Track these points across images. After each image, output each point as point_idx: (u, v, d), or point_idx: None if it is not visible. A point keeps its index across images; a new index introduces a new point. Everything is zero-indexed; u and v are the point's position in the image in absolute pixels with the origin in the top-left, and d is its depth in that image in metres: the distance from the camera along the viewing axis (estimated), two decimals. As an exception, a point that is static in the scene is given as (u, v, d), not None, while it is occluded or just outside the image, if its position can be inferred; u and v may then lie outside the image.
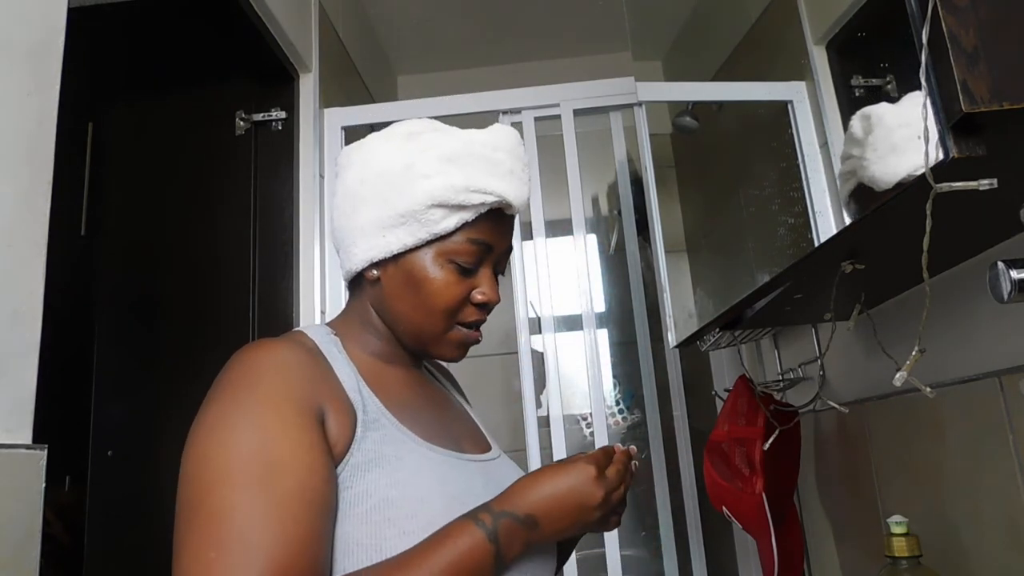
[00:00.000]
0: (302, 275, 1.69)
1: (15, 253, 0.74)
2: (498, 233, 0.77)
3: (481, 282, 0.77)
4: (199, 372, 1.62)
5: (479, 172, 0.73)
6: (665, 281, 1.34)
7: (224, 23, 1.54)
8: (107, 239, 1.78)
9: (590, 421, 1.81)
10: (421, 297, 0.75)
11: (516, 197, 0.75)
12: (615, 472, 0.69)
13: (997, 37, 0.51)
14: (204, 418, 0.65)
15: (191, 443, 0.64)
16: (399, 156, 0.75)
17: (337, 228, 0.79)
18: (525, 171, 0.78)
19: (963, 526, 0.95)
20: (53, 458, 0.73)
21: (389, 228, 0.74)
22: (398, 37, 2.59)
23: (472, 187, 0.72)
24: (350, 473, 0.66)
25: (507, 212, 0.77)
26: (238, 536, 0.57)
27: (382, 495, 0.65)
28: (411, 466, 0.68)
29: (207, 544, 0.57)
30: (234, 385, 0.66)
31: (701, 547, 1.65)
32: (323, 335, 0.76)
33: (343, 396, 0.69)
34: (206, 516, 0.58)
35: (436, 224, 0.73)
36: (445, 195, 0.72)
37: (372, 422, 0.69)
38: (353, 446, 0.67)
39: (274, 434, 0.62)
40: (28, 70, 0.78)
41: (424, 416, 0.77)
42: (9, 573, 0.66)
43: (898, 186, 0.61)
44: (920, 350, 0.73)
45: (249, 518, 0.57)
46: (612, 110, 1.83)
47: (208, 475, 0.60)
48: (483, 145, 0.75)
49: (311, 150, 1.75)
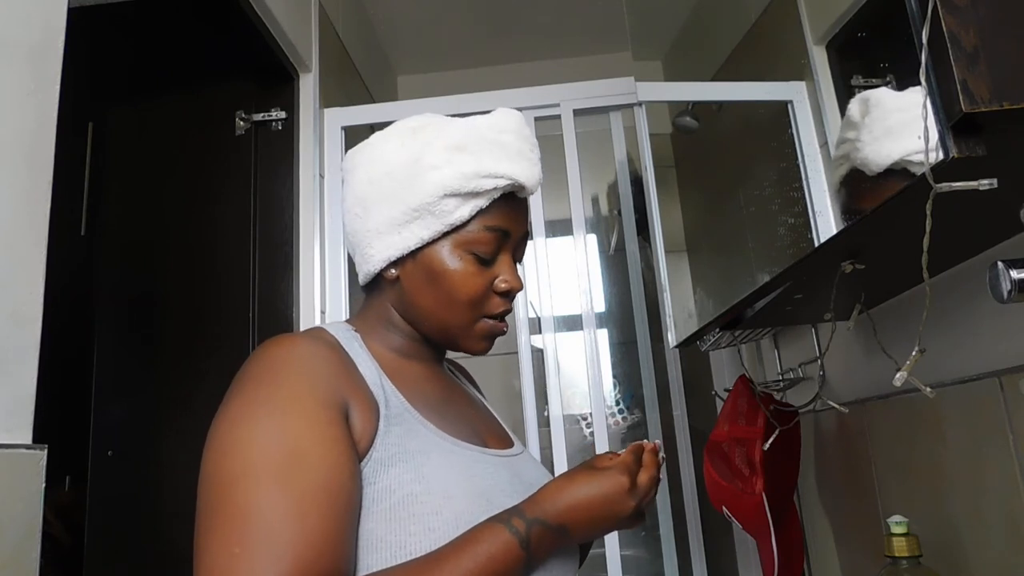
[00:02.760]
0: (302, 275, 1.69)
1: (15, 253, 0.74)
2: (513, 218, 0.76)
3: (501, 270, 0.76)
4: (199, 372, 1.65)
5: (488, 157, 0.72)
6: (665, 281, 1.34)
7: (224, 23, 1.54)
8: (107, 239, 1.78)
9: (590, 421, 1.81)
10: (443, 291, 0.74)
11: (528, 178, 0.74)
12: (647, 479, 0.69)
13: (997, 37, 0.51)
14: (227, 412, 0.64)
15: (213, 437, 0.63)
16: (405, 152, 0.74)
17: (350, 233, 0.78)
18: (534, 151, 0.77)
19: (963, 526, 0.95)
20: (53, 458, 0.72)
21: (404, 224, 0.73)
22: (398, 37, 2.59)
23: (483, 172, 0.72)
24: (373, 469, 0.65)
25: (520, 195, 0.77)
26: (263, 532, 0.56)
27: (407, 490, 0.64)
28: (435, 461, 0.67)
29: (231, 540, 0.56)
30: (257, 380, 0.65)
31: (701, 547, 1.65)
32: (344, 331, 0.75)
33: (366, 391, 0.69)
34: (230, 511, 0.57)
35: (450, 214, 0.72)
36: (457, 184, 0.71)
37: (395, 417, 0.69)
38: (376, 441, 0.66)
39: (299, 429, 0.61)
40: (28, 70, 0.78)
41: (447, 411, 0.76)
42: (9, 573, 0.66)
43: (888, 171, 0.60)
44: (920, 350, 0.73)
45: (274, 514, 0.57)
46: (612, 110, 1.83)
47: (232, 470, 0.59)
48: (489, 129, 0.74)
49: (311, 150, 1.75)
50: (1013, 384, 0.83)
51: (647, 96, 1.40)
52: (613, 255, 2.31)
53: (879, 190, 0.63)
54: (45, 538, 0.70)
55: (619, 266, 2.16)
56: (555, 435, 1.63)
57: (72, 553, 1.60)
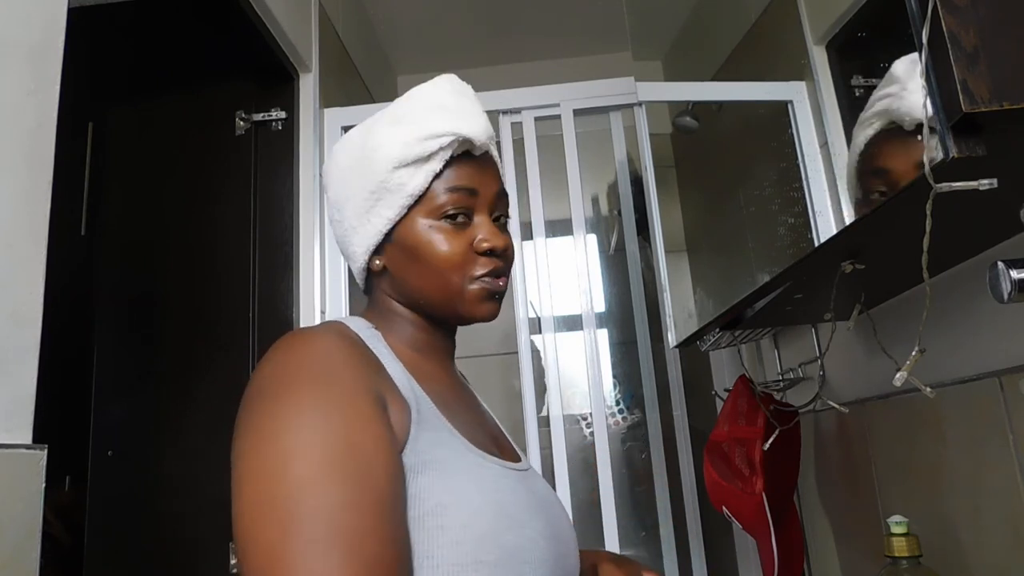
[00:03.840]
0: (302, 275, 1.69)
1: (15, 253, 0.74)
2: (477, 176, 0.75)
3: (479, 230, 0.75)
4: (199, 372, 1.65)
5: (427, 121, 0.73)
6: (665, 281, 1.34)
7: (224, 23, 1.54)
8: (107, 239, 1.78)
9: (590, 421, 1.81)
10: (424, 263, 0.74)
11: (471, 130, 0.74)
12: None
13: (997, 37, 0.51)
14: (264, 416, 0.60)
15: (255, 444, 0.59)
16: (356, 142, 0.77)
17: (338, 241, 0.80)
18: (475, 106, 0.77)
19: (963, 526, 0.95)
20: (53, 458, 0.72)
21: (369, 210, 0.75)
22: (398, 37, 2.59)
23: (423, 135, 0.72)
24: (404, 473, 0.63)
25: (476, 153, 0.76)
26: (349, 537, 0.54)
27: (437, 500, 0.63)
28: (465, 473, 0.66)
29: (322, 550, 0.53)
30: (292, 378, 0.62)
31: (701, 547, 1.65)
32: (363, 327, 0.74)
33: (396, 391, 0.67)
34: (310, 520, 0.54)
35: (406, 186, 0.73)
36: (401, 152, 0.72)
37: (425, 422, 0.67)
38: (408, 446, 0.64)
39: (357, 427, 0.59)
40: (28, 70, 0.78)
41: (468, 419, 0.75)
42: (9, 573, 0.66)
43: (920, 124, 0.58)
44: (920, 350, 0.73)
45: (355, 518, 0.55)
46: (612, 110, 1.83)
47: (294, 475, 0.56)
48: (425, 96, 0.76)
49: (311, 150, 1.75)
50: (1013, 384, 0.83)
51: (647, 96, 1.40)
52: (613, 255, 2.31)
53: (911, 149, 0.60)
54: (45, 538, 0.70)
55: (619, 266, 2.17)
56: (555, 435, 1.63)
57: (72, 553, 1.60)
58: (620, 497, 1.88)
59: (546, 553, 0.68)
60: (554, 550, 0.69)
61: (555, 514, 0.75)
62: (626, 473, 2.14)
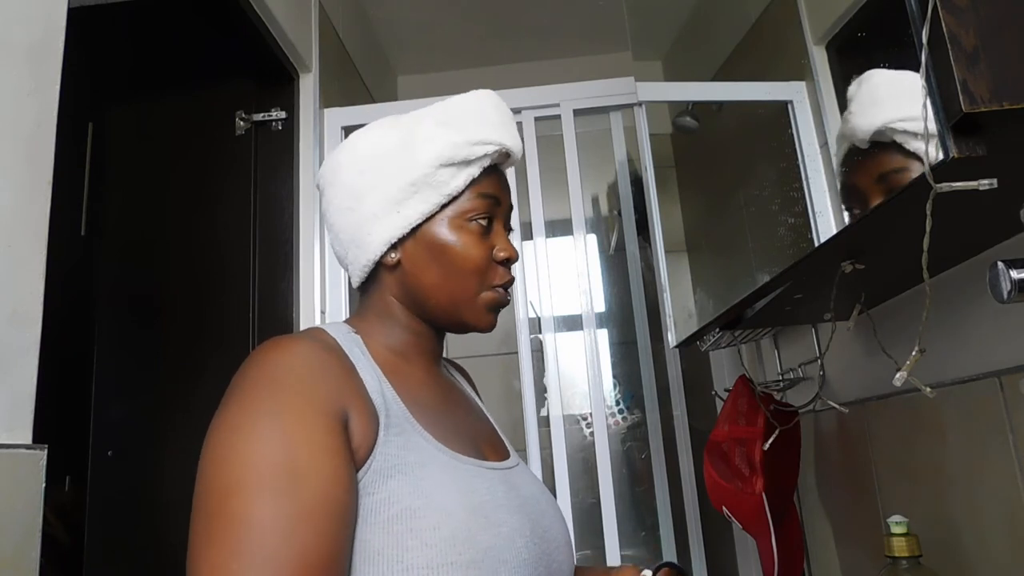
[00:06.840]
0: (302, 275, 1.69)
1: (15, 253, 0.74)
2: (501, 187, 0.80)
3: (497, 240, 0.78)
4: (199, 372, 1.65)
5: (475, 126, 0.76)
6: (665, 281, 1.34)
7: (224, 23, 1.54)
8: (107, 239, 1.78)
9: (590, 421, 1.81)
10: (447, 264, 0.75)
11: (514, 145, 0.79)
12: None
13: (997, 37, 0.51)
14: (224, 419, 0.62)
15: (210, 445, 0.62)
16: (394, 134, 0.77)
17: (342, 231, 0.78)
18: (513, 122, 0.81)
19: (963, 526, 0.95)
20: (53, 458, 0.72)
21: (403, 201, 0.75)
22: (398, 37, 2.59)
23: (473, 140, 0.75)
24: (372, 479, 0.64)
25: (503, 166, 0.81)
26: (260, 549, 0.55)
27: (405, 504, 0.64)
28: (435, 475, 0.67)
29: (227, 554, 0.55)
30: (255, 385, 0.63)
31: (701, 547, 1.65)
32: (343, 333, 0.75)
33: (366, 398, 0.68)
34: (226, 523, 0.56)
35: (447, 184, 0.75)
36: (450, 152, 0.74)
37: (395, 426, 0.68)
38: (375, 451, 0.65)
39: (297, 440, 0.60)
40: (28, 70, 0.78)
41: (446, 420, 0.75)
42: (9, 573, 0.66)
43: (877, 143, 0.62)
44: (920, 350, 0.73)
45: (272, 529, 0.56)
46: (612, 110, 1.83)
47: (228, 480, 0.58)
48: (469, 104, 0.78)
49: (311, 150, 1.75)
50: (1013, 384, 0.83)
51: (647, 96, 1.40)
52: (613, 255, 2.31)
53: (868, 164, 0.66)
54: (45, 538, 0.70)
55: (619, 266, 2.16)
56: (555, 435, 1.63)
57: (72, 553, 1.60)
58: (620, 497, 1.88)
59: (526, 552, 0.68)
60: (536, 548, 0.69)
61: (541, 512, 0.75)
62: (626, 473, 2.14)
